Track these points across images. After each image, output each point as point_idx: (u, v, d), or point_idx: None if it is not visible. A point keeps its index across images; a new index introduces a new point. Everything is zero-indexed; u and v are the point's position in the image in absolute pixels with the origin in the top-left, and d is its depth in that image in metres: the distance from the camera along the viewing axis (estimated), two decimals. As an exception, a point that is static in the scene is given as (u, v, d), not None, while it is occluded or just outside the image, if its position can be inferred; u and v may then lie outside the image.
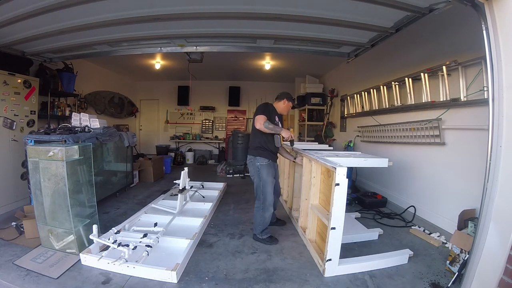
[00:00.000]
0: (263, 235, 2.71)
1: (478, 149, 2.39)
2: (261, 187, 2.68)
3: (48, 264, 2.17)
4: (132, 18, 2.62)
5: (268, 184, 2.66)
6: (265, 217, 2.67)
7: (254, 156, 2.70)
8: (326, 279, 2.08)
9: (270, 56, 5.46)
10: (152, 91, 8.45)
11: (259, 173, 2.67)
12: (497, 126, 1.67)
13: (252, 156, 2.72)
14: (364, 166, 3.51)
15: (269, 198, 2.67)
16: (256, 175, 2.70)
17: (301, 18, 2.56)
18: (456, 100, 2.70)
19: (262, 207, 2.68)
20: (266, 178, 2.65)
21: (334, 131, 6.21)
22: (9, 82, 3.36)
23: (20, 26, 2.72)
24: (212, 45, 3.56)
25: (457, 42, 2.77)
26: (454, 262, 2.13)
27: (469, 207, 2.46)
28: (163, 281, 1.99)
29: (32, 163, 2.33)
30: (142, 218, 3.14)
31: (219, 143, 8.36)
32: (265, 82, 8.00)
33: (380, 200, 3.85)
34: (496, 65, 1.66)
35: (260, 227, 2.70)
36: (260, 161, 2.67)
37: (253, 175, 2.74)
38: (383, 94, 3.96)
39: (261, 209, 2.68)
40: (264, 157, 2.68)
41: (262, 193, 2.67)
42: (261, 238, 2.71)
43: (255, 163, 2.69)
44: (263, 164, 2.67)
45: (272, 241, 2.70)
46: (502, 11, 1.62)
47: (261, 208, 2.68)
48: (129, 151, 4.59)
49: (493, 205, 1.65)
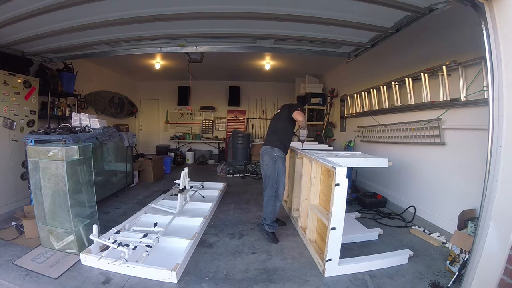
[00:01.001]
0: (270, 229, 2.76)
1: (478, 149, 2.39)
2: (275, 177, 2.76)
3: (48, 264, 2.17)
4: (132, 18, 2.62)
5: (283, 174, 2.80)
6: (277, 206, 2.76)
7: (271, 146, 2.82)
8: (326, 279, 2.08)
9: (270, 56, 5.46)
10: (152, 91, 8.44)
11: (275, 163, 2.77)
12: (497, 126, 1.67)
13: (269, 147, 2.83)
14: (364, 166, 3.51)
15: (281, 188, 2.78)
16: (272, 164, 2.78)
17: (301, 18, 2.56)
18: (456, 100, 2.70)
19: (274, 196, 2.75)
20: (282, 166, 2.78)
21: (334, 131, 6.21)
22: (9, 82, 3.35)
23: (20, 26, 2.72)
24: (212, 45, 3.56)
25: (457, 42, 2.77)
26: (454, 262, 2.13)
27: (469, 207, 2.46)
28: (163, 281, 1.99)
29: (32, 163, 2.33)
30: (142, 218, 3.14)
31: (219, 143, 8.36)
32: (265, 82, 8.00)
33: (380, 200, 3.85)
34: (496, 65, 1.66)
35: (271, 216, 2.76)
36: (277, 152, 2.79)
37: (267, 164, 2.81)
38: (383, 94, 3.96)
39: (273, 198, 2.75)
40: (281, 149, 2.81)
41: (277, 182, 2.76)
42: (268, 231, 2.76)
43: (272, 153, 2.80)
44: (279, 155, 2.80)
45: (274, 239, 2.74)
46: (502, 11, 1.62)
47: (273, 197, 2.75)
48: (129, 151, 4.59)
49: (493, 205, 1.65)
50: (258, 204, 3.96)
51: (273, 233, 2.78)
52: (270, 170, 2.78)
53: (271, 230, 2.76)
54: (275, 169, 2.76)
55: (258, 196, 4.39)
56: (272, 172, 2.77)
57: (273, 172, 2.77)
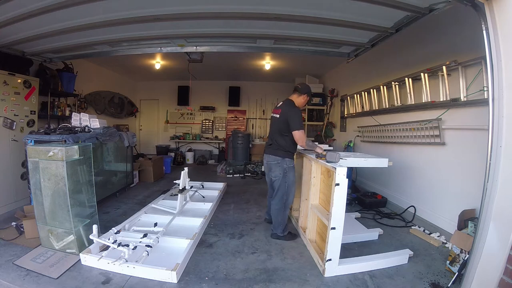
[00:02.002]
0: (284, 232, 2.79)
1: (478, 149, 2.39)
2: (286, 189, 2.72)
3: (48, 264, 2.17)
4: (132, 18, 2.61)
5: (293, 184, 2.78)
6: (286, 214, 2.80)
7: (282, 157, 2.70)
8: (326, 279, 2.08)
9: (270, 56, 5.46)
10: (152, 91, 8.44)
11: (286, 175, 2.71)
12: (497, 126, 1.67)
13: (280, 158, 2.71)
14: (364, 166, 3.50)
15: (291, 198, 2.80)
16: (283, 177, 2.71)
17: (301, 18, 2.56)
18: (456, 100, 2.70)
19: (284, 207, 2.74)
20: (292, 178, 2.75)
21: (334, 131, 6.21)
22: (9, 82, 3.35)
23: (20, 26, 2.71)
24: (212, 45, 3.55)
25: (457, 42, 2.77)
26: (454, 262, 2.13)
27: (469, 207, 2.46)
28: (163, 281, 1.99)
29: (32, 163, 2.33)
30: (142, 218, 3.14)
31: (219, 143, 8.35)
32: (265, 82, 8.00)
33: (380, 200, 3.85)
34: (496, 65, 1.66)
35: (282, 226, 2.77)
36: (288, 163, 2.71)
37: (277, 176, 2.73)
38: (383, 94, 3.96)
39: (283, 209, 2.74)
40: (291, 159, 2.75)
41: (286, 193, 2.73)
42: (282, 235, 2.77)
43: (282, 165, 2.70)
44: (290, 166, 2.73)
45: (292, 237, 2.80)
46: (502, 11, 1.62)
47: (283, 208, 2.74)
48: (129, 151, 4.59)
49: (493, 205, 1.65)
50: (258, 204, 3.96)
51: (289, 232, 2.82)
52: (281, 183, 2.72)
53: (285, 232, 2.80)
54: (285, 181, 2.71)
55: (258, 196, 4.39)
56: (282, 184, 2.71)
57: (283, 184, 2.71)
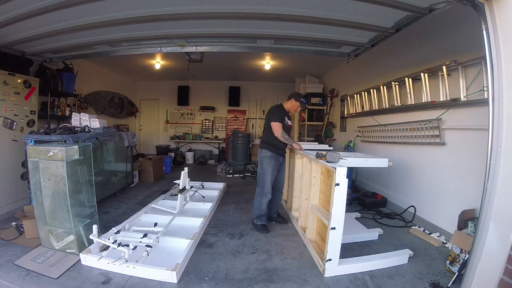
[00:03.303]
0: (258, 221, 3.02)
1: (478, 149, 2.39)
2: (261, 176, 3.02)
3: (48, 264, 2.17)
4: (132, 18, 2.61)
5: (267, 173, 2.98)
6: (262, 202, 2.99)
7: (260, 148, 3.10)
8: (326, 279, 2.08)
9: (270, 56, 5.46)
10: (152, 91, 8.44)
11: (262, 163, 3.04)
12: (497, 126, 1.67)
13: (260, 148, 3.12)
14: (364, 166, 3.51)
15: (267, 186, 2.98)
16: (260, 164, 3.08)
17: (301, 18, 2.56)
18: (456, 100, 2.70)
19: (260, 193, 3.01)
20: (266, 167, 2.99)
21: (334, 131, 6.21)
22: (9, 82, 3.35)
23: (20, 26, 2.72)
24: (212, 45, 3.56)
25: (457, 42, 2.77)
26: (454, 262, 2.13)
27: (469, 207, 2.46)
28: (163, 281, 1.99)
29: (32, 163, 2.33)
30: (142, 218, 3.14)
31: (219, 143, 8.35)
32: (265, 82, 8.00)
33: (380, 200, 3.85)
34: (496, 65, 1.66)
35: (257, 211, 3.02)
36: (264, 153, 3.03)
37: (258, 164, 3.12)
38: (383, 94, 3.96)
39: (259, 196, 3.01)
40: (268, 150, 3.01)
41: (262, 180, 3.00)
42: (256, 223, 3.03)
43: (260, 154, 3.08)
44: (265, 155, 3.01)
45: (263, 230, 2.96)
46: (502, 11, 1.62)
47: (259, 194, 3.02)
48: (129, 151, 4.59)
49: (493, 205, 1.65)
50: (258, 204, 3.96)
51: (263, 224, 3.01)
52: (259, 169, 3.10)
53: (258, 222, 3.02)
54: (261, 169, 3.04)
55: (258, 196, 4.39)
56: (259, 170, 3.07)
57: (260, 171, 3.06)
